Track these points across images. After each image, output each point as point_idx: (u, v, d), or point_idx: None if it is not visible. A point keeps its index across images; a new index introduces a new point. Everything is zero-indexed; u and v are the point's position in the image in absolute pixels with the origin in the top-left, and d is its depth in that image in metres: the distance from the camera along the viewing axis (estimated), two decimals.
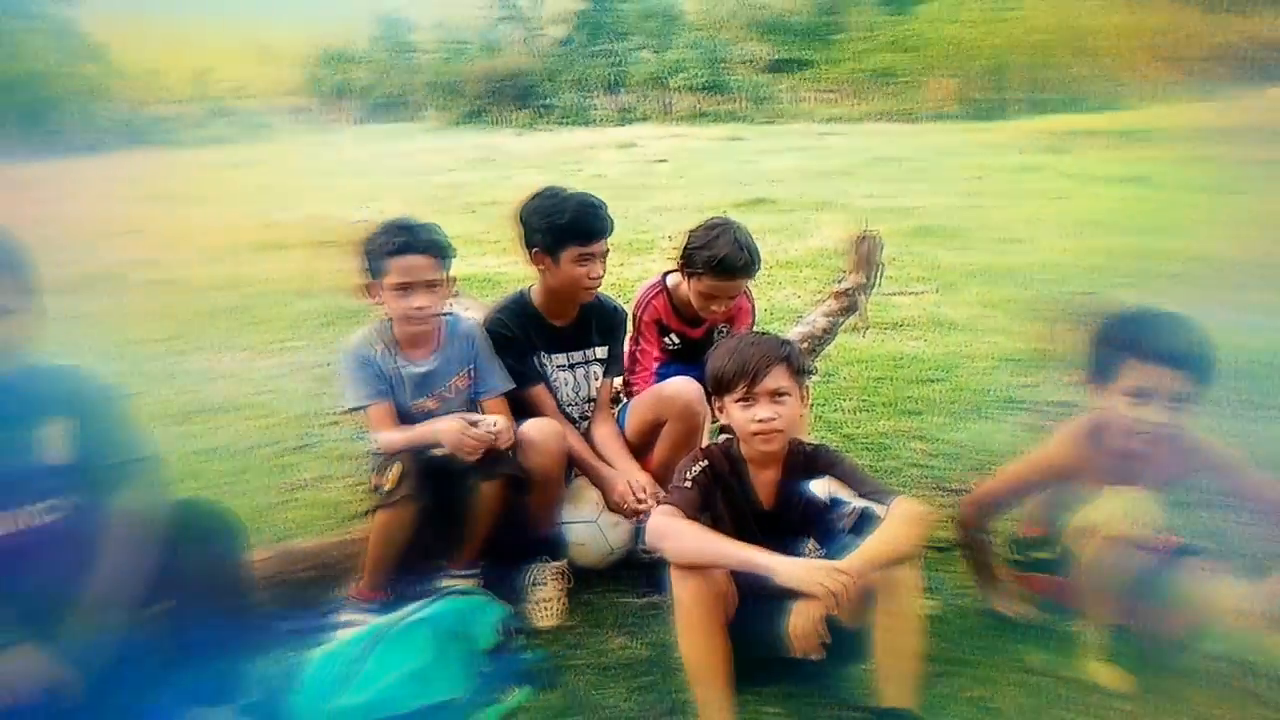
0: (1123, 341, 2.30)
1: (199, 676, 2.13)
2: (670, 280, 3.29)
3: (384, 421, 2.65)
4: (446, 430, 2.49)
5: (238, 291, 7.54)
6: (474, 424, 2.50)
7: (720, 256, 2.98)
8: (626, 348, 3.22)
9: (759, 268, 3.14)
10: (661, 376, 3.33)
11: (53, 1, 36.18)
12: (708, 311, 3.15)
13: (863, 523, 2.13)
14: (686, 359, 3.26)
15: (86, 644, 1.82)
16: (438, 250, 2.62)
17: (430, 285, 2.59)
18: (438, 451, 2.57)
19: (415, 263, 2.56)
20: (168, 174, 19.22)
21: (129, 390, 2.19)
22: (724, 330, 3.34)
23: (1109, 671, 2.34)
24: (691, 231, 3.13)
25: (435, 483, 2.54)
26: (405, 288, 2.57)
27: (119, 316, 6.90)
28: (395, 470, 2.48)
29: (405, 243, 2.56)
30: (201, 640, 2.09)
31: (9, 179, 17.52)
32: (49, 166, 20.92)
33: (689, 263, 3.08)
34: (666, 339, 3.32)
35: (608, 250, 2.82)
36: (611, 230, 2.81)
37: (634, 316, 3.31)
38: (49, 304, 2.01)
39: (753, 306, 3.44)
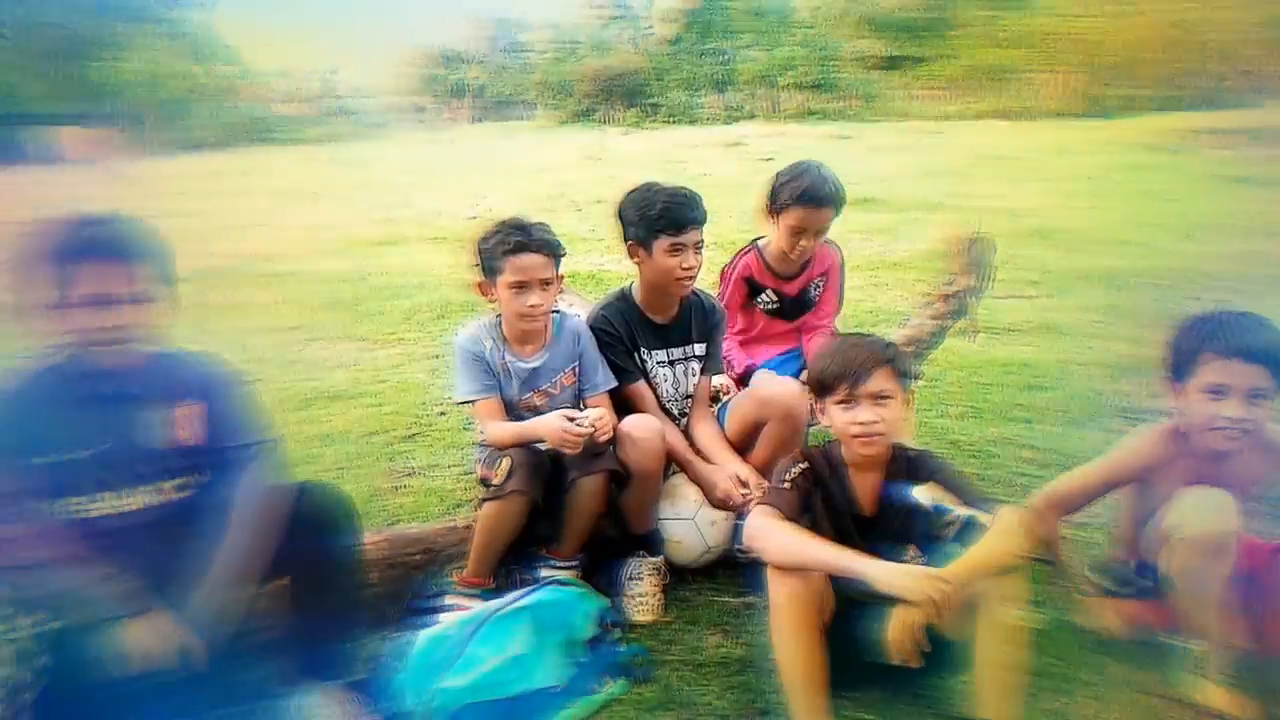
0: (1199, 339, 2.30)
1: (310, 652, 2.24)
2: (761, 242, 3.47)
3: (492, 415, 2.73)
4: (548, 427, 2.56)
5: (356, 284, 7.82)
6: (572, 419, 2.55)
7: (805, 186, 3.19)
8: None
9: (844, 203, 3.29)
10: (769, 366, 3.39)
11: (189, 6, 38.25)
12: (796, 249, 3.29)
13: (966, 531, 2.10)
14: (786, 316, 3.54)
15: (211, 616, 1.92)
16: (551, 249, 2.68)
17: (544, 283, 2.66)
18: (542, 446, 2.64)
19: (530, 261, 2.63)
20: (293, 171, 20.04)
21: (253, 377, 2.31)
22: (819, 286, 3.53)
23: (1222, 694, 2.24)
24: (778, 172, 3.31)
25: (542, 477, 2.61)
26: (520, 286, 2.64)
27: (245, 306, 7.24)
28: (504, 464, 2.55)
29: (521, 242, 2.62)
30: (313, 618, 2.20)
31: (146, 174, 18.54)
32: (182, 162, 22.06)
33: (775, 200, 3.26)
34: (761, 297, 3.49)
35: (701, 241, 2.83)
36: (704, 221, 2.83)
37: (723, 275, 3.51)
38: (184, 292, 2.14)
39: (843, 263, 3.60)
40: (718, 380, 3.21)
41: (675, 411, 3.00)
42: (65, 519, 1.96)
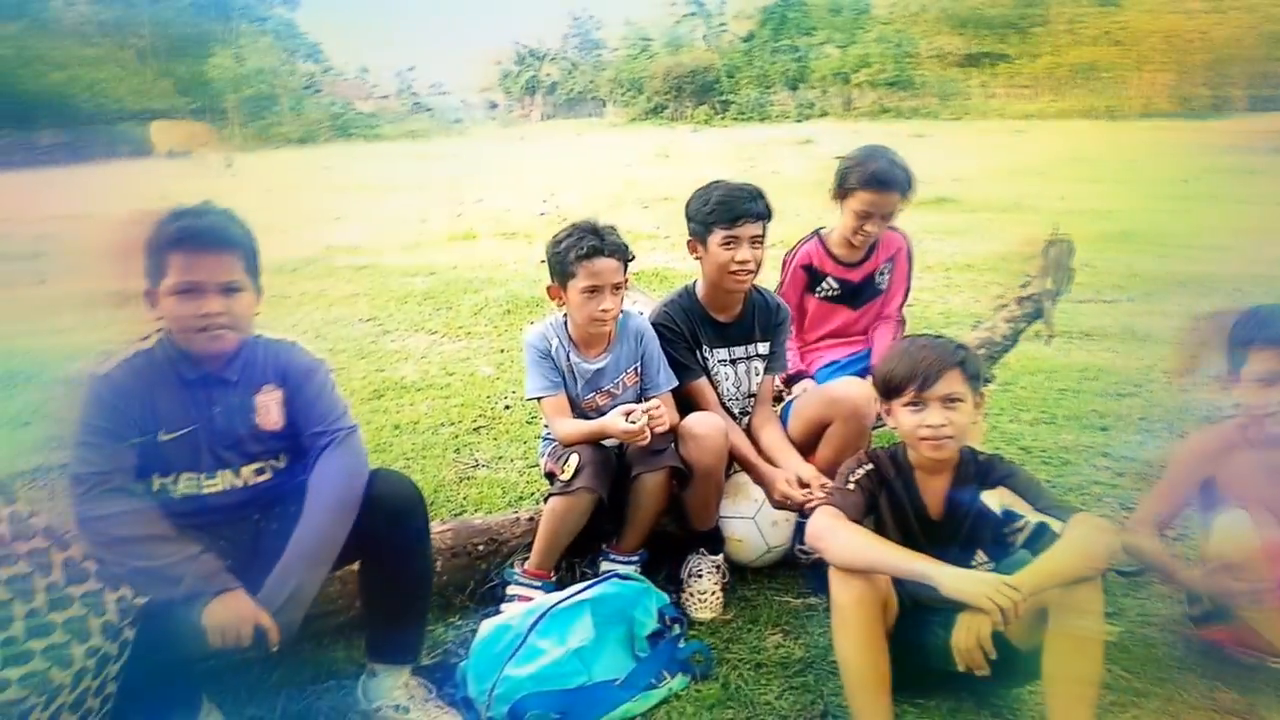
0: (1249, 330, 2.35)
1: (378, 636, 2.28)
2: (824, 230, 3.47)
3: (560, 412, 2.75)
4: (615, 426, 2.57)
5: (430, 278, 7.96)
6: (627, 415, 2.55)
7: (873, 169, 3.17)
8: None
9: (912, 189, 3.25)
10: (833, 367, 3.35)
11: (276, 4, 39.39)
12: (860, 234, 3.26)
13: (1037, 538, 2.05)
14: (849, 302, 3.47)
15: (290, 597, 1.96)
16: (623, 253, 2.69)
17: (615, 288, 2.67)
18: (608, 443, 2.66)
19: (603, 266, 2.63)
20: (371, 166, 20.49)
21: (333, 365, 2.36)
22: (885, 272, 3.46)
23: None
24: (846, 156, 3.29)
25: (609, 475, 2.62)
26: (593, 290, 2.65)
27: (325, 296, 7.43)
28: (573, 461, 2.57)
29: (595, 246, 2.62)
30: (382, 602, 2.25)
31: (234, 168, 19.14)
32: (266, 157, 22.69)
33: (842, 183, 3.24)
34: (823, 284, 3.44)
35: (759, 237, 2.79)
36: (764, 217, 2.79)
37: (784, 263, 3.48)
38: (268, 283, 2.20)
39: (910, 250, 3.54)
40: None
41: (736, 410, 2.98)
42: (151, 498, 2.04)
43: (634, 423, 2.52)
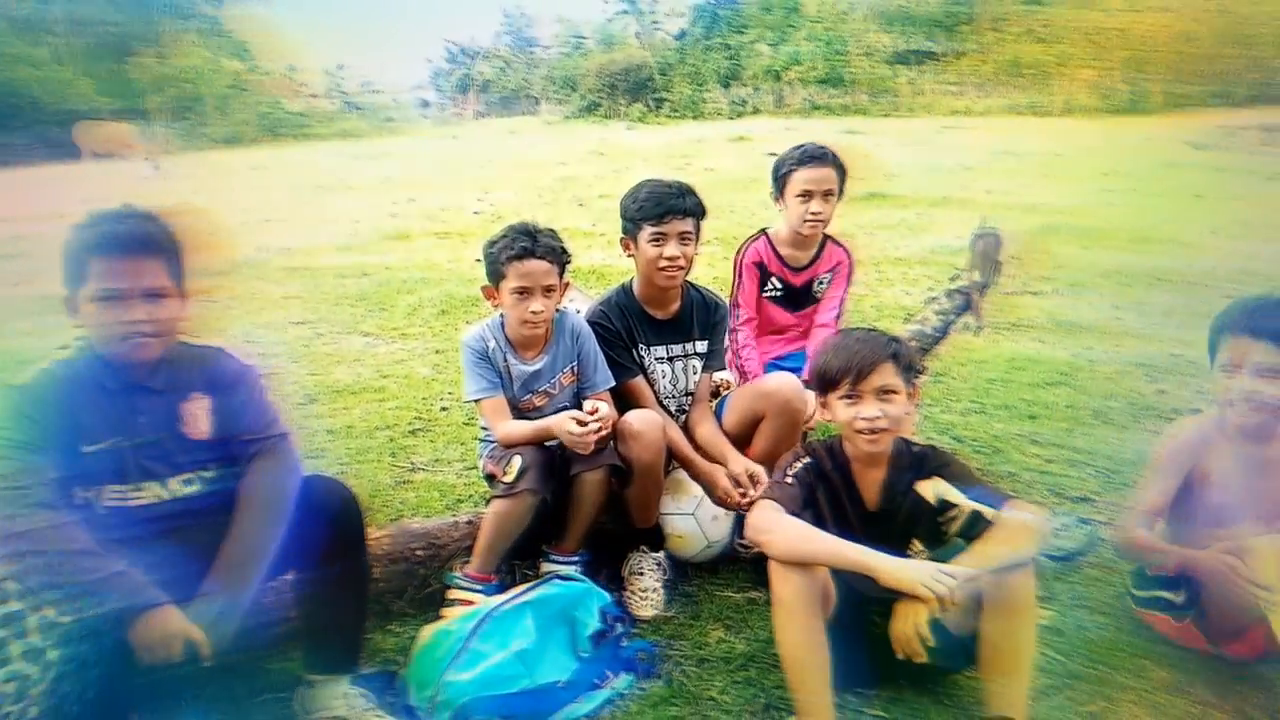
0: (1220, 321, 2.40)
1: (321, 645, 2.24)
2: (770, 230, 3.55)
3: (499, 414, 2.73)
4: (562, 427, 2.55)
5: (364, 279, 7.83)
6: (581, 422, 2.54)
7: (801, 149, 3.37)
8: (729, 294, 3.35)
9: (846, 170, 3.40)
10: (774, 367, 3.40)
11: (200, 2, 38.43)
12: (810, 217, 3.34)
13: (972, 526, 2.09)
14: (787, 305, 3.57)
15: (222, 610, 1.91)
16: (556, 255, 2.68)
17: (547, 290, 2.66)
18: (550, 443, 2.64)
19: (535, 268, 2.62)
20: (301, 166, 20.09)
21: (266, 370, 2.31)
22: (823, 282, 3.54)
23: None
24: (776, 158, 3.44)
25: (552, 476, 2.61)
26: (524, 292, 2.63)
27: (257, 300, 7.26)
28: (515, 463, 2.54)
29: (525, 248, 2.61)
30: (324, 610, 2.20)
31: (163, 168, 18.60)
32: (193, 158, 22.13)
33: (778, 175, 3.39)
34: (769, 284, 3.51)
35: (689, 234, 2.80)
36: (693, 213, 2.80)
37: (735, 264, 3.53)
38: (198, 286, 2.13)
39: (852, 267, 3.61)
40: (719, 376, 3.20)
41: (673, 408, 2.99)
42: (74, 512, 1.95)
43: (588, 425, 2.51)
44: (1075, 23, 29.60)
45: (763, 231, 3.56)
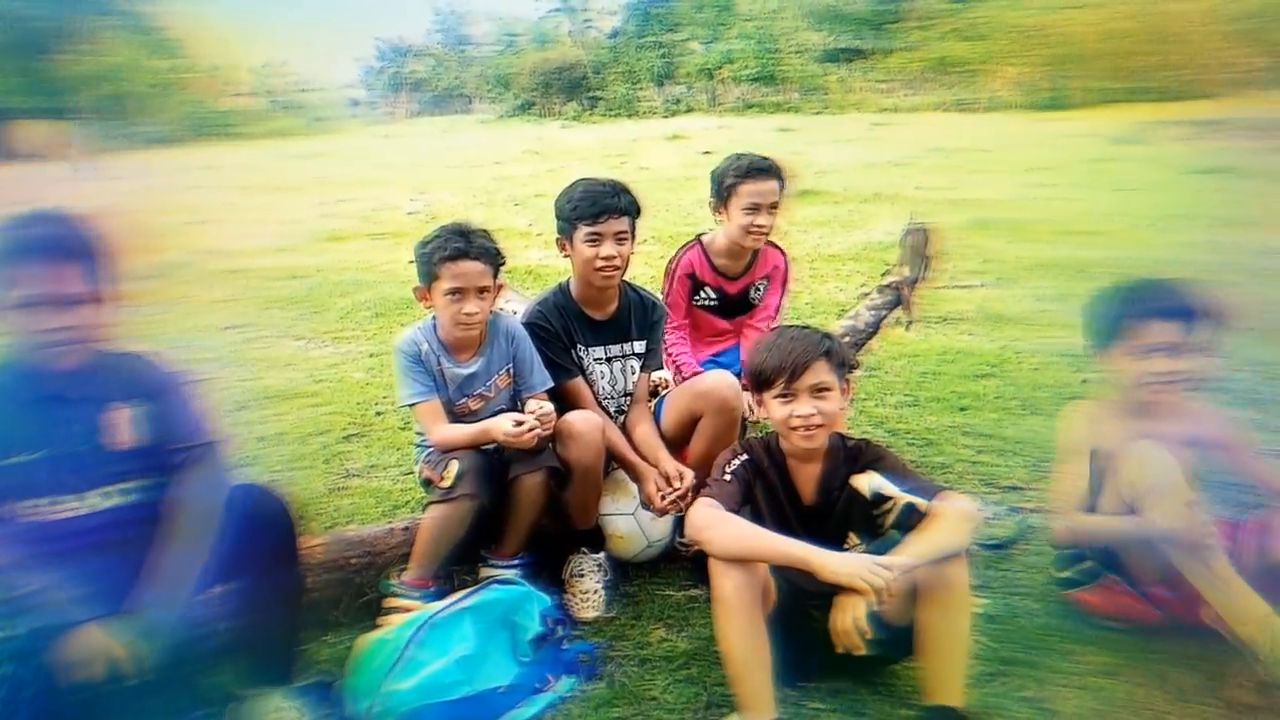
0: (1121, 306, 2.49)
1: (254, 658, 2.19)
2: (705, 239, 3.51)
3: (435, 418, 2.69)
4: (500, 430, 2.53)
5: (296, 281, 7.69)
6: (520, 423, 2.52)
7: (746, 162, 3.33)
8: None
9: (786, 178, 3.39)
10: (711, 363, 3.41)
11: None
12: (754, 229, 3.33)
13: (906, 518, 2.12)
14: (723, 314, 3.57)
15: (148, 626, 1.86)
16: (490, 257, 2.65)
17: (481, 291, 2.63)
18: (487, 447, 2.62)
19: (468, 269, 2.59)
20: (232, 166, 19.65)
21: (194, 376, 2.24)
22: (759, 288, 3.55)
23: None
24: (715, 169, 3.40)
25: (490, 480, 2.58)
26: (457, 293, 2.60)
27: (185, 304, 7.07)
28: (453, 467, 2.51)
29: (459, 249, 2.58)
30: (257, 623, 2.14)
31: (83, 169, 18.06)
32: (119, 158, 21.49)
33: (720, 187, 3.35)
34: (701, 293, 3.51)
35: (625, 233, 2.79)
36: (628, 212, 2.79)
37: (667, 271, 3.52)
38: (121, 291, 2.06)
39: (788, 271, 3.63)
40: (658, 375, 3.21)
41: (613, 409, 2.98)
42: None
43: (532, 418, 2.50)
44: (1000, 21, 30.29)
45: (697, 239, 3.54)
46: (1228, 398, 4.05)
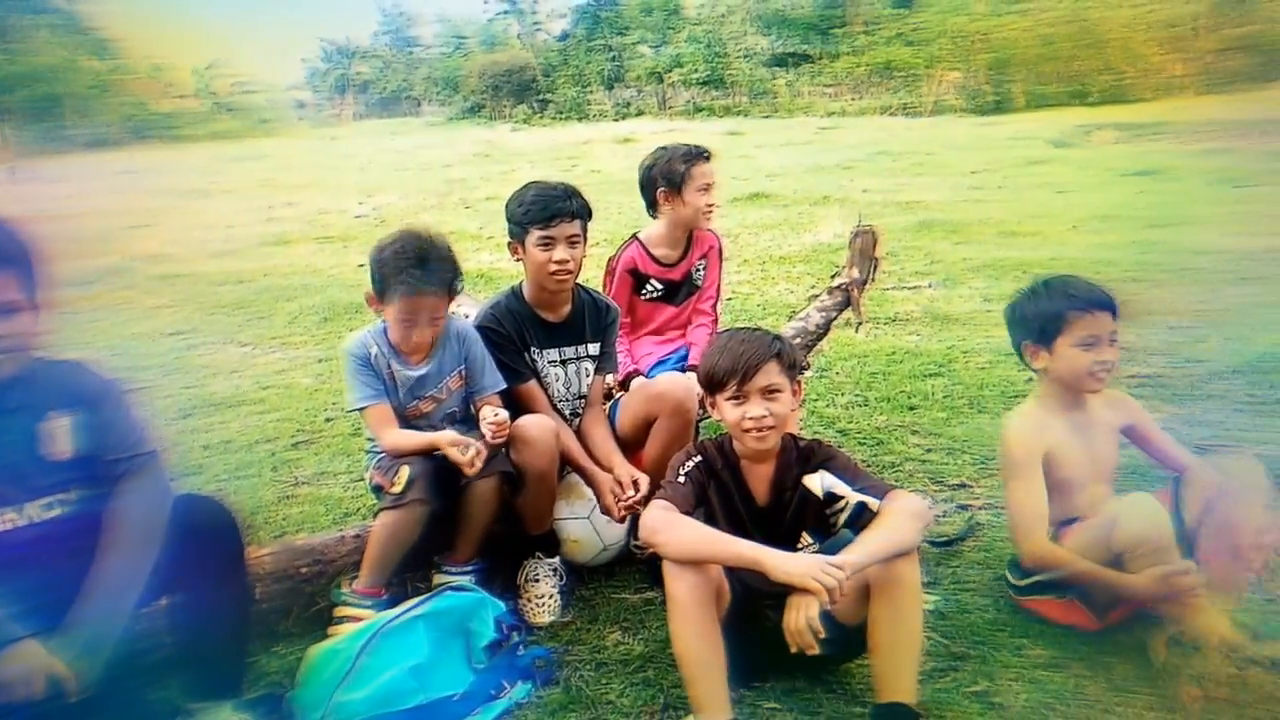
0: (1059, 301, 2.53)
1: (200, 671, 2.15)
2: (642, 234, 3.61)
3: (385, 422, 2.66)
4: (444, 441, 2.51)
5: (241, 286, 7.56)
6: (466, 448, 2.50)
7: (684, 149, 3.51)
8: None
9: (710, 156, 3.55)
10: (660, 367, 3.43)
11: None
12: (705, 208, 3.51)
13: (857, 517, 2.14)
14: (669, 299, 3.64)
15: (90, 641, 1.82)
16: (448, 286, 2.62)
17: (434, 319, 2.62)
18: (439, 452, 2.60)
19: (423, 304, 2.57)
20: (173, 169, 19.25)
21: (135, 384, 2.19)
22: (699, 270, 3.65)
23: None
24: (646, 165, 3.56)
25: (441, 485, 2.56)
26: (409, 320, 2.59)
27: (126, 310, 6.92)
28: (403, 473, 2.48)
29: (416, 282, 2.54)
30: (203, 635, 2.10)
31: (19, 173, 17.57)
32: (56, 161, 20.94)
33: (670, 176, 3.47)
34: (646, 286, 3.58)
35: (577, 236, 2.79)
36: (579, 216, 2.80)
37: (608, 270, 3.60)
38: (58, 297, 2.00)
39: (721, 247, 3.76)
40: (611, 378, 3.21)
41: (567, 412, 2.98)
42: None
43: (465, 453, 2.48)
44: (942, 26, 30.83)
45: (634, 237, 3.61)
46: (1164, 391, 4.20)
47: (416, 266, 2.55)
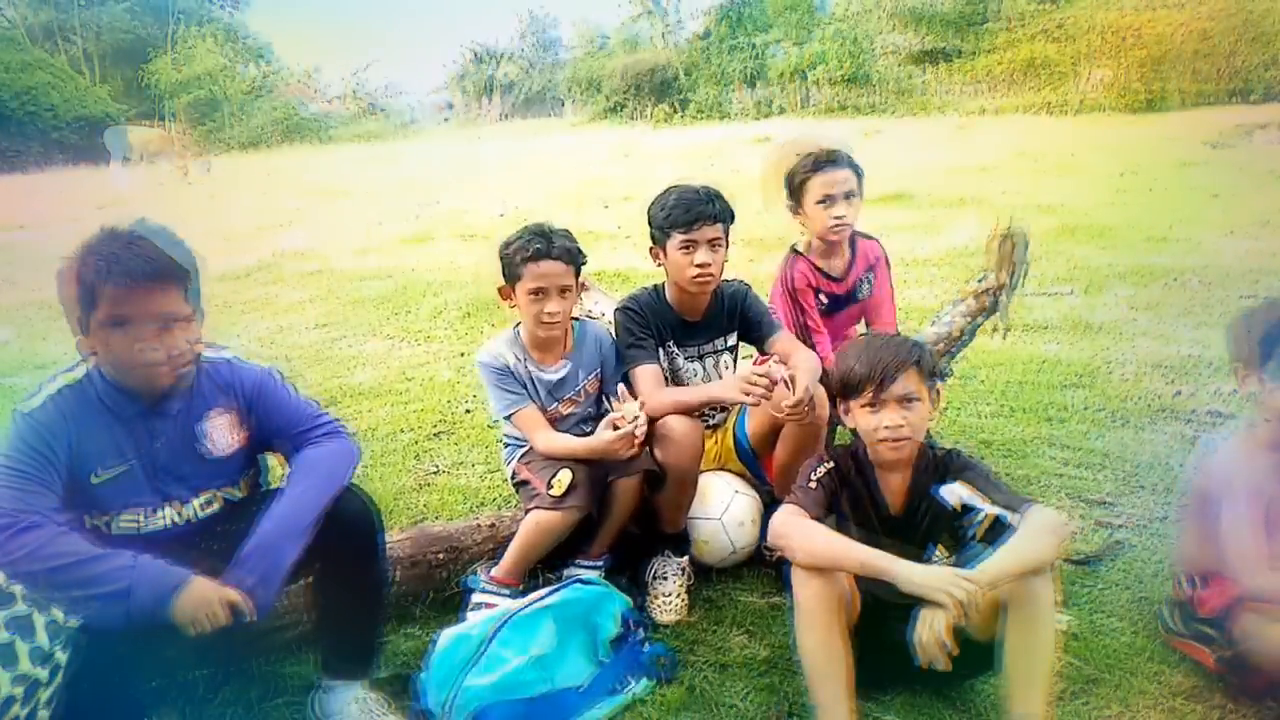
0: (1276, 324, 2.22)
1: (336, 649, 2.25)
2: (800, 246, 3.40)
3: (536, 424, 2.73)
4: (601, 443, 2.55)
5: (385, 281, 7.87)
6: (616, 426, 2.54)
7: (812, 154, 3.25)
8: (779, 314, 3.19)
9: (858, 167, 3.28)
10: None
11: (221, 5, 38.88)
12: (835, 221, 3.20)
13: (995, 531, 2.07)
14: (830, 314, 3.40)
15: (264, 564, 1.89)
16: (571, 257, 2.68)
17: (563, 291, 2.67)
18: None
19: (549, 269, 2.63)
20: (324, 169, 20.21)
21: (284, 371, 2.31)
22: (866, 281, 3.43)
23: None
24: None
25: (599, 492, 2.61)
26: (539, 292, 2.64)
27: (274, 304, 7.31)
28: (564, 478, 2.54)
29: (540, 249, 2.62)
30: (340, 615, 2.20)
31: (199, 169, 18.82)
32: (214, 162, 22.32)
33: (791, 184, 3.28)
34: (817, 299, 3.37)
35: (719, 240, 2.77)
36: (722, 219, 2.77)
37: (786, 293, 3.34)
38: (214, 292, 2.12)
39: (887, 257, 3.54)
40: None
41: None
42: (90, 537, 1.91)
43: (619, 428, 2.52)
44: (1091, 21, 29.29)
45: (793, 251, 3.41)
46: None
47: (540, 239, 2.64)
